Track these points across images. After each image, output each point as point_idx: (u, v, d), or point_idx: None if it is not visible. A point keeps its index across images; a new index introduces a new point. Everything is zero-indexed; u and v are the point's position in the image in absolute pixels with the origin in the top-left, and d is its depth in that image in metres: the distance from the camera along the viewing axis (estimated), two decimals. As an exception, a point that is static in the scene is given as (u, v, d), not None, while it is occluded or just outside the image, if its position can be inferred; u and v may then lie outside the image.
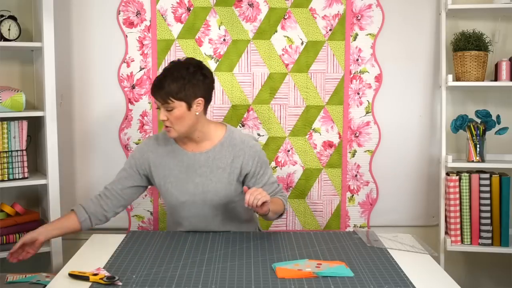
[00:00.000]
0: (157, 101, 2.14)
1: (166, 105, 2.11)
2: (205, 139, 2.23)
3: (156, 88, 2.12)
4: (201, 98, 2.15)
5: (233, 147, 2.23)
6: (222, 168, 2.22)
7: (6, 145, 2.58)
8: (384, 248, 2.05)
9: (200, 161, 2.22)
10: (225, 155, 2.22)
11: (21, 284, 1.97)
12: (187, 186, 2.22)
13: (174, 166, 2.24)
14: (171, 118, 2.12)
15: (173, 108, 2.11)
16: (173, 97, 2.09)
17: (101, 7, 2.81)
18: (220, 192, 2.21)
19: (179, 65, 2.16)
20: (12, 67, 2.79)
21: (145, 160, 2.26)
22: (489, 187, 2.69)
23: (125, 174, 2.28)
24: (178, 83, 2.10)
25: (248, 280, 1.71)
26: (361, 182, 2.92)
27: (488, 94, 2.91)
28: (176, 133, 2.15)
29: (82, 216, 2.19)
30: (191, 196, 2.22)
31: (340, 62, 2.85)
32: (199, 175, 2.22)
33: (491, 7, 2.73)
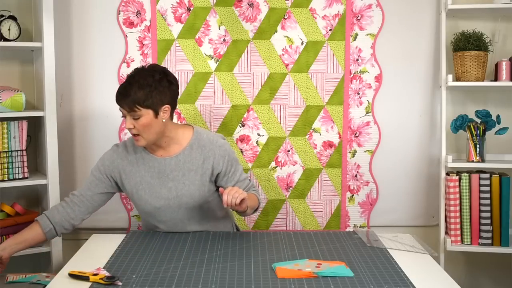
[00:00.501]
0: (123, 109, 2.11)
1: (133, 113, 2.08)
2: (172, 143, 2.22)
3: (122, 96, 2.09)
4: (167, 105, 2.13)
5: (202, 148, 2.22)
6: (193, 170, 2.21)
7: (6, 145, 2.58)
8: (384, 248, 2.05)
9: (170, 165, 2.21)
10: (195, 157, 2.21)
11: (21, 284, 1.97)
12: (161, 192, 2.21)
13: (145, 173, 2.22)
14: (138, 126, 2.09)
15: (140, 116, 2.08)
16: (139, 105, 2.07)
17: (101, 7, 2.81)
18: (194, 194, 2.21)
19: (144, 73, 2.12)
20: (12, 67, 2.79)
21: (115, 167, 2.25)
22: (489, 187, 2.69)
23: (95, 180, 2.27)
24: (144, 90, 2.07)
25: (248, 280, 1.71)
26: (361, 182, 2.92)
27: (488, 94, 2.91)
28: (145, 141, 2.13)
29: (47, 227, 2.17)
30: (166, 200, 2.21)
31: (340, 62, 2.85)
32: (171, 179, 2.21)
33: (491, 7, 2.73)
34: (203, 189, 2.22)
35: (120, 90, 2.11)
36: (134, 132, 2.12)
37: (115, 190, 2.31)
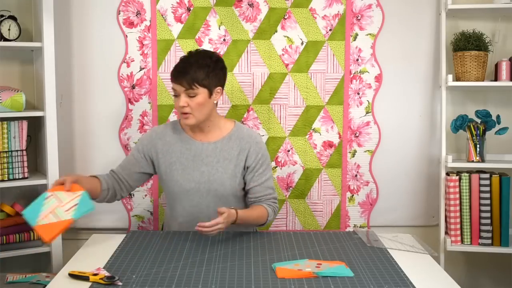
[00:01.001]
0: (178, 88, 2.17)
1: (190, 91, 2.16)
2: (214, 129, 2.29)
3: (181, 74, 2.16)
4: (220, 87, 2.24)
5: (240, 140, 2.27)
6: (228, 159, 2.25)
7: (6, 145, 2.58)
8: (384, 248, 2.05)
9: (207, 150, 2.26)
10: (232, 147, 2.27)
11: (21, 284, 1.97)
12: (193, 174, 2.25)
13: (181, 154, 2.27)
14: (191, 105, 2.17)
15: (196, 94, 2.16)
16: (198, 83, 2.15)
17: (101, 7, 2.81)
18: (225, 182, 2.24)
19: (202, 54, 2.23)
20: (12, 67, 2.79)
21: (153, 146, 2.29)
22: (489, 187, 2.69)
23: (133, 159, 2.30)
24: (203, 70, 2.16)
25: (248, 280, 1.71)
26: (361, 182, 2.92)
27: (488, 94, 2.91)
28: (195, 120, 2.20)
29: (105, 185, 2.22)
30: (196, 184, 2.24)
31: (340, 62, 2.85)
32: (205, 164, 2.25)
33: (491, 7, 2.73)
34: (234, 180, 2.26)
35: (179, 69, 2.18)
36: (186, 111, 2.18)
37: (151, 171, 2.34)
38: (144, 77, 2.84)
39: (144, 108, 2.86)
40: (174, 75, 2.19)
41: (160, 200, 2.88)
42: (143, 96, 2.85)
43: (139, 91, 2.85)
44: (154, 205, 2.89)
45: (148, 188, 2.89)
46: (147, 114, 2.86)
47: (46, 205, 1.91)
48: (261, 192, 2.27)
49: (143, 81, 2.84)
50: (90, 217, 2.91)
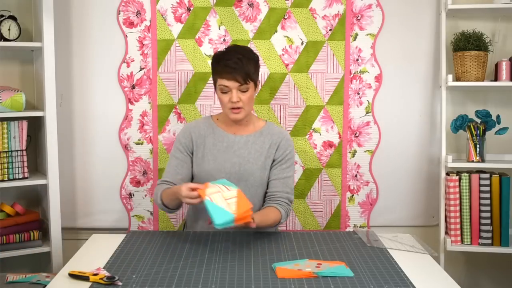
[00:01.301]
0: (231, 84, 2.16)
1: (244, 85, 2.18)
2: (248, 125, 2.33)
3: (236, 70, 2.16)
4: (258, 80, 2.28)
5: (272, 135, 2.32)
6: (259, 152, 2.29)
7: (6, 145, 2.58)
8: (384, 248, 2.05)
9: (240, 143, 2.30)
10: (263, 142, 2.31)
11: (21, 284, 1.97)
12: (224, 165, 2.27)
13: (213, 146, 2.29)
14: (243, 99, 2.19)
15: (247, 89, 2.20)
16: (249, 77, 2.18)
17: (101, 7, 2.81)
18: (255, 172, 2.27)
19: (245, 48, 2.26)
20: (12, 67, 2.80)
21: (190, 140, 2.31)
22: (489, 187, 2.69)
23: (180, 162, 2.30)
24: (252, 64, 2.20)
25: (248, 280, 1.71)
26: (361, 182, 2.92)
27: (488, 94, 2.91)
28: (244, 113, 2.24)
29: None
30: (227, 174, 2.26)
31: (340, 62, 2.85)
32: (237, 155, 2.28)
33: (491, 7, 2.73)
34: (264, 172, 2.29)
35: (231, 65, 2.16)
36: (239, 105, 2.20)
37: None
38: (144, 77, 2.84)
39: (144, 108, 2.86)
40: (228, 72, 2.17)
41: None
42: (143, 96, 2.85)
43: (139, 91, 2.85)
44: (154, 205, 2.89)
45: (148, 188, 2.89)
46: (147, 114, 2.86)
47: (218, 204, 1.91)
48: (279, 188, 2.28)
49: (143, 81, 2.84)
50: (90, 217, 2.91)
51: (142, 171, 2.88)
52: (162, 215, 2.89)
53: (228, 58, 2.18)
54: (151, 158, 2.87)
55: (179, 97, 2.85)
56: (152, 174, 2.88)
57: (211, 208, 1.89)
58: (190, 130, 2.33)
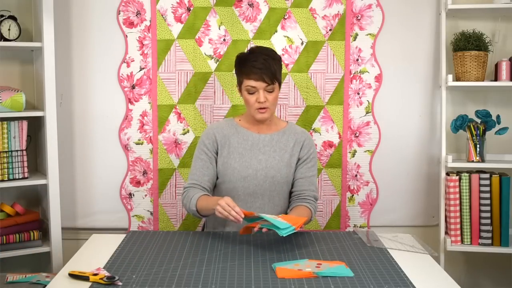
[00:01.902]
0: (259, 84, 2.20)
1: (271, 86, 2.21)
2: (271, 125, 2.36)
3: (264, 71, 2.19)
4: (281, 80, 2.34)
5: (295, 134, 2.36)
6: (284, 149, 2.33)
7: (6, 145, 2.58)
8: (384, 248, 2.05)
9: (265, 141, 2.33)
10: (287, 140, 2.34)
11: (21, 284, 1.97)
12: (250, 162, 2.30)
13: (238, 145, 2.32)
14: (270, 99, 2.23)
15: (274, 89, 2.23)
16: (276, 78, 2.22)
17: (101, 7, 2.81)
18: (282, 169, 2.30)
19: (268, 49, 2.30)
20: (12, 67, 2.79)
21: (214, 141, 2.33)
22: (489, 187, 2.69)
23: (205, 163, 2.31)
24: (277, 64, 2.25)
25: (248, 280, 1.71)
26: (361, 182, 2.92)
27: (488, 94, 2.91)
28: (270, 113, 2.29)
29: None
30: (254, 171, 2.28)
31: (340, 62, 2.85)
32: (262, 153, 2.31)
33: (491, 7, 2.73)
34: (290, 169, 2.32)
35: (258, 66, 2.19)
36: (266, 105, 2.23)
37: None
38: (144, 77, 2.84)
39: (144, 108, 2.86)
40: (255, 72, 2.19)
41: (160, 200, 2.88)
42: (143, 96, 2.85)
43: (139, 91, 2.85)
44: (154, 205, 2.89)
45: (148, 188, 2.89)
46: (147, 114, 2.86)
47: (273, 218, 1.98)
48: (305, 186, 2.31)
49: (143, 81, 2.84)
50: (90, 217, 2.91)
51: (142, 171, 2.88)
52: (162, 215, 2.89)
53: (255, 59, 2.21)
54: (151, 158, 2.87)
55: (179, 97, 2.85)
56: (152, 174, 2.88)
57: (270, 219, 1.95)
58: (213, 130, 2.35)
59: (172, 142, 2.86)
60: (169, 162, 2.87)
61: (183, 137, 2.86)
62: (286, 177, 2.32)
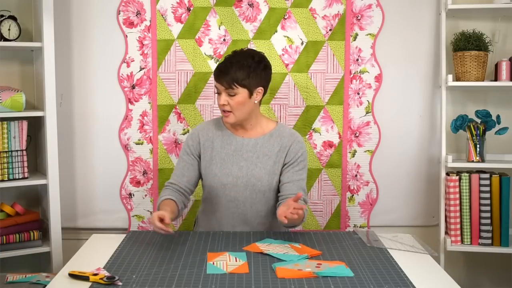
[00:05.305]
0: (219, 86, 2.21)
1: (230, 90, 2.19)
2: (256, 127, 2.31)
3: (222, 74, 2.20)
4: (261, 87, 2.25)
5: (282, 138, 2.30)
6: (268, 155, 2.28)
7: (6, 145, 2.58)
8: (384, 248, 2.05)
9: (248, 146, 2.29)
10: (273, 145, 2.29)
11: (21, 284, 1.97)
12: (232, 169, 2.27)
13: (221, 149, 2.29)
14: (231, 103, 2.20)
15: (236, 94, 2.19)
16: (237, 83, 2.18)
17: (101, 7, 2.81)
18: (263, 178, 2.26)
19: (245, 54, 2.25)
20: (12, 67, 2.79)
21: (197, 143, 2.32)
22: (489, 187, 2.69)
23: (186, 164, 2.31)
24: (244, 70, 2.19)
25: (248, 280, 1.71)
26: (361, 182, 2.92)
27: (488, 94, 2.91)
28: (235, 118, 2.23)
29: (180, 204, 2.23)
30: (234, 178, 2.26)
31: (340, 62, 2.85)
32: (245, 159, 2.28)
33: (491, 7, 2.73)
34: (272, 177, 2.27)
35: (221, 68, 2.21)
36: (227, 109, 2.22)
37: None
38: (144, 77, 2.84)
39: (144, 108, 2.86)
40: (216, 74, 2.22)
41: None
42: (143, 96, 2.85)
43: (139, 91, 2.85)
44: (154, 205, 2.89)
45: (148, 188, 2.89)
46: (147, 114, 2.86)
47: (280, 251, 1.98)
48: (292, 190, 2.23)
49: (143, 81, 2.84)
50: (90, 217, 2.91)
51: (142, 171, 2.88)
52: (162, 215, 2.89)
53: (223, 61, 2.24)
54: (151, 158, 2.87)
55: (179, 97, 2.85)
56: (152, 174, 2.88)
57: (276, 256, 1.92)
58: (198, 132, 2.34)
59: (172, 142, 2.86)
60: (169, 162, 2.87)
61: (183, 137, 2.86)
62: (268, 185, 2.26)
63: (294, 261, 1.86)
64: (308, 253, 1.95)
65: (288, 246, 2.01)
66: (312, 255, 1.94)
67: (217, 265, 1.82)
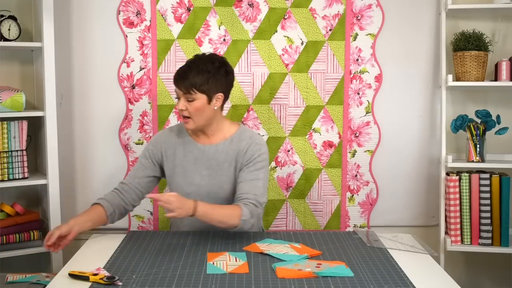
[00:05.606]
0: (178, 91, 2.18)
1: (188, 95, 2.15)
2: (217, 133, 2.27)
3: (181, 78, 2.16)
4: (221, 93, 2.20)
5: (240, 142, 2.25)
6: (228, 162, 2.24)
7: (6, 145, 2.58)
8: (384, 248, 2.05)
9: (209, 153, 2.25)
10: (232, 149, 2.24)
11: (21, 284, 1.97)
12: (194, 177, 2.24)
13: (184, 157, 2.26)
14: (190, 109, 2.16)
15: (194, 99, 2.15)
16: (196, 88, 2.14)
17: (101, 7, 2.81)
18: (224, 185, 2.23)
19: (205, 59, 2.20)
20: (12, 67, 2.79)
21: (158, 150, 2.29)
22: (489, 187, 2.69)
23: (141, 166, 2.30)
24: (202, 76, 2.14)
25: (248, 280, 1.71)
26: (361, 182, 2.92)
27: (488, 94, 2.91)
28: (194, 124, 2.19)
29: (110, 209, 2.19)
30: (197, 187, 2.24)
31: (340, 62, 2.85)
32: (207, 167, 2.25)
33: (491, 7, 2.73)
34: (235, 184, 2.24)
35: (179, 73, 2.18)
36: (185, 114, 2.18)
37: (159, 174, 2.33)
38: (144, 77, 2.84)
39: (144, 108, 2.86)
40: (175, 78, 2.19)
41: (160, 200, 2.87)
42: (143, 96, 2.85)
43: (139, 91, 2.85)
44: (154, 205, 2.89)
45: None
46: (147, 114, 2.86)
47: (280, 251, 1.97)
48: (244, 190, 2.16)
49: (143, 81, 2.84)
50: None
51: (142, 171, 2.88)
52: (162, 215, 2.89)
53: (183, 66, 2.20)
54: (151, 158, 2.87)
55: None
56: (152, 174, 2.87)
57: (276, 256, 1.92)
58: (161, 139, 2.30)
59: (172, 142, 2.86)
60: (169, 162, 2.86)
61: (183, 137, 2.86)
62: (230, 193, 2.22)
63: (294, 261, 1.86)
64: (308, 253, 1.95)
65: (288, 246, 2.01)
66: (312, 255, 1.94)
67: (217, 265, 1.83)
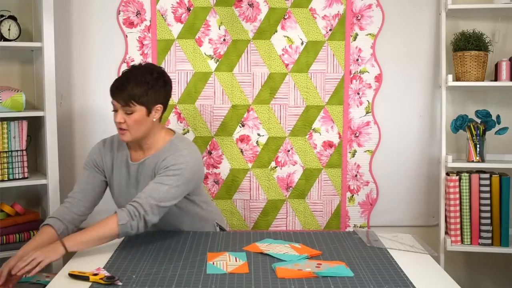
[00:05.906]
0: (116, 104, 2.11)
1: (126, 108, 2.08)
2: (152, 146, 2.18)
3: (118, 90, 2.09)
4: (160, 104, 2.13)
5: (163, 154, 2.14)
6: (150, 176, 2.16)
7: (6, 145, 2.58)
8: (384, 248, 2.05)
9: (138, 170, 2.19)
10: (154, 162, 2.16)
11: (21, 284, 1.96)
12: (128, 192, 2.21)
13: (119, 170, 2.22)
14: (128, 122, 2.09)
15: (133, 112, 2.08)
16: (135, 100, 2.07)
17: (101, 7, 2.81)
18: None
19: (143, 70, 2.12)
20: (12, 67, 2.79)
21: (100, 160, 2.25)
22: (489, 187, 2.69)
23: (90, 173, 2.25)
24: (141, 87, 2.07)
25: (248, 280, 1.71)
26: (361, 182, 2.92)
27: (488, 94, 2.91)
28: (131, 137, 2.11)
29: (60, 228, 2.10)
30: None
31: (340, 62, 2.85)
32: (138, 181, 2.19)
33: (491, 7, 2.73)
34: None
35: (116, 85, 2.11)
36: (123, 127, 2.11)
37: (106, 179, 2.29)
38: (144, 77, 2.84)
39: (144, 108, 2.85)
40: (112, 90, 2.12)
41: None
42: (143, 96, 2.85)
43: (139, 91, 2.85)
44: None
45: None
46: (147, 114, 2.85)
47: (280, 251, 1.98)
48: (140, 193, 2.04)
49: (143, 81, 2.84)
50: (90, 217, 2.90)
51: (142, 171, 2.88)
52: (162, 215, 2.89)
53: (120, 76, 2.14)
54: (151, 158, 2.87)
55: (179, 97, 2.85)
56: (152, 174, 2.88)
57: (276, 256, 1.92)
58: (98, 152, 2.26)
59: (172, 142, 2.86)
60: (169, 162, 2.86)
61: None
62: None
63: (294, 261, 1.86)
64: (308, 253, 1.95)
65: (288, 246, 2.01)
66: (312, 255, 1.94)
67: (217, 265, 1.82)
